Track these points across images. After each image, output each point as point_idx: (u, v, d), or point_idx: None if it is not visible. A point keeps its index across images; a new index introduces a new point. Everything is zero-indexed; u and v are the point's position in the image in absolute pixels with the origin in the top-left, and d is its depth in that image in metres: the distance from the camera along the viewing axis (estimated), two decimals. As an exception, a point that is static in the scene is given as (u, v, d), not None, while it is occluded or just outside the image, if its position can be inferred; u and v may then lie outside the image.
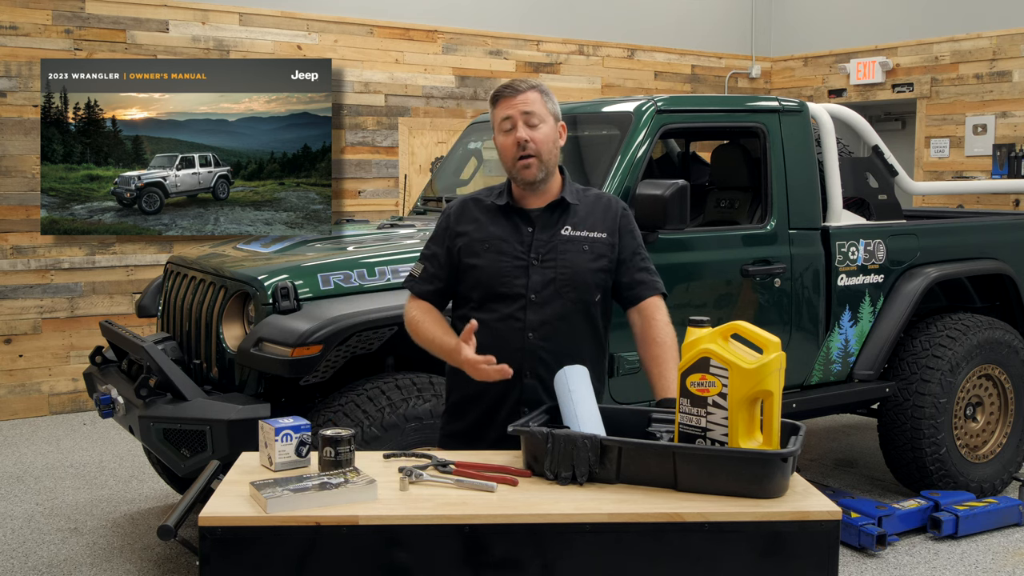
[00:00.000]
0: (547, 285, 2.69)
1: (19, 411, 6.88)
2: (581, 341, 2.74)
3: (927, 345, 4.85)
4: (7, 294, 6.79)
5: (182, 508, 2.16)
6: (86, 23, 6.98)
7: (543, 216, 2.74)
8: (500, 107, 2.73)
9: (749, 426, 2.20)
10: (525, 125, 2.68)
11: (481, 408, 2.75)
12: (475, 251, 2.74)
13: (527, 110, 2.68)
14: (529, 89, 2.71)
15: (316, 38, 7.88)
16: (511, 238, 2.73)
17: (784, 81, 10.44)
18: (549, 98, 2.75)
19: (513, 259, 2.71)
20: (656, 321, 2.76)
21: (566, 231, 2.73)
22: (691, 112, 4.50)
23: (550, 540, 2.05)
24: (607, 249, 2.76)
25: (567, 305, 2.70)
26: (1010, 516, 4.74)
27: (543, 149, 2.69)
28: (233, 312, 3.90)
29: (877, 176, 5.35)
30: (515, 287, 2.69)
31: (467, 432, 2.76)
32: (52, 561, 4.34)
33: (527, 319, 2.68)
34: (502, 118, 2.71)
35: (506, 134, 2.71)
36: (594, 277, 2.74)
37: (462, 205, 2.84)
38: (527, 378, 2.68)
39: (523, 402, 2.67)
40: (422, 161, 8.39)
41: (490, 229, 2.75)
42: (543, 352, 2.68)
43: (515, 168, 2.70)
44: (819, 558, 2.08)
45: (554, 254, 2.71)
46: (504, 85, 2.74)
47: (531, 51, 8.94)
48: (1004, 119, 8.52)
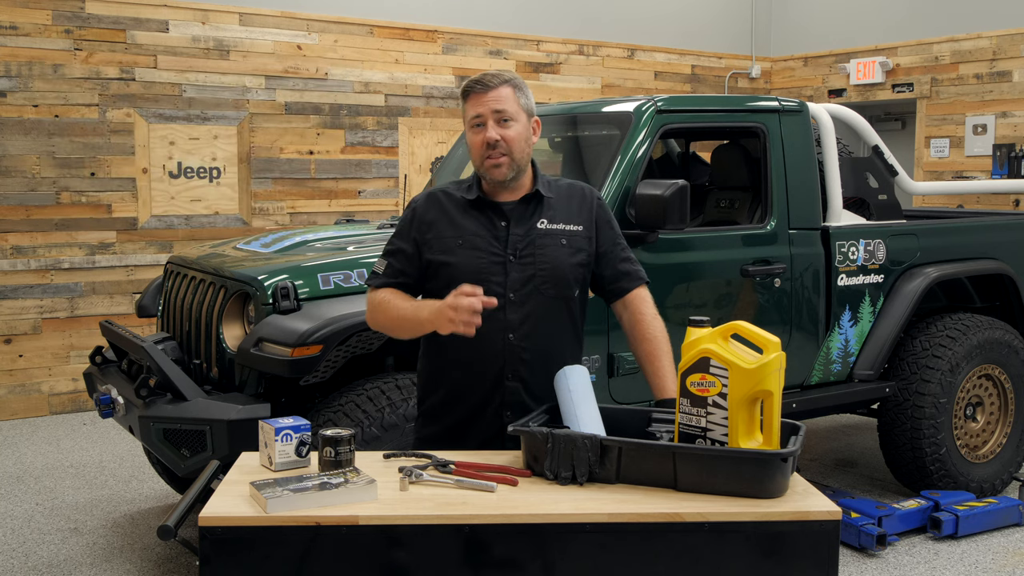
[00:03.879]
0: (526, 283, 2.58)
1: (19, 411, 6.88)
2: (562, 338, 2.66)
3: (927, 345, 4.85)
4: (7, 294, 6.79)
5: (182, 508, 2.16)
6: (86, 23, 6.98)
7: (517, 210, 2.62)
8: (471, 103, 2.59)
9: (749, 426, 2.20)
10: (496, 124, 2.55)
11: (460, 411, 2.63)
12: (448, 248, 2.60)
13: (498, 108, 2.55)
14: (501, 84, 2.57)
15: (316, 38, 7.88)
16: (485, 234, 2.60)
17: (784, 81, 10.44)
18: (523, 92, 2.61)
19: (490, 256, 2.58)
20: (644, 316, 2.69)
21: (542, 224, 2.62)
22: (691, 112, 4.50)
23: (550, 540, 2.05)
24: (585, 243, 2.66)
25: (547, 302, 2.60)
26: (1010, 516, 4.74)
27: (515, 148, 2.56)
28: (233, 312, 3.90)
29: (877, 176, 5.35)
30: (493, 286, 2.55)
31: (444, 436, 2.63)
32: (52, 561, 4.34)
33: (507, 319, 2.56)
34: (473, 115, 2.58)
35: (476, 131, 2.58)
36: (573, 272, 2.64)
37: (429, 198, 2.69)
38: (509, 380, 2.57)
39: (505, 405, 2.58)
40: (422, 161, 8.39)
41: (463, 224, 2.61)
42: (524, 353, 2.58)
43: (484, 167, 2.59)
44: (819, 558, 2.08)
45: (532, 249, 2.60)
46: (475, 80, 2.59)
47: (531, 51, 8.94)
48: (1004, 119, 8.52)
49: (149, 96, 7.22)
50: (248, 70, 7.59)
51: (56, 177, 6.91)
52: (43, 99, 6.85)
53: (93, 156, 7.03)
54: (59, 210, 6.93)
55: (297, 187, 7.85)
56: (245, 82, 7.58)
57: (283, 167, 7.77)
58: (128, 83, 7.13)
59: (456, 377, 2.60)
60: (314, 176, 7.92)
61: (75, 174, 6.98)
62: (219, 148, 7.51)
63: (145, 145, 7.22)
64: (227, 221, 7.57)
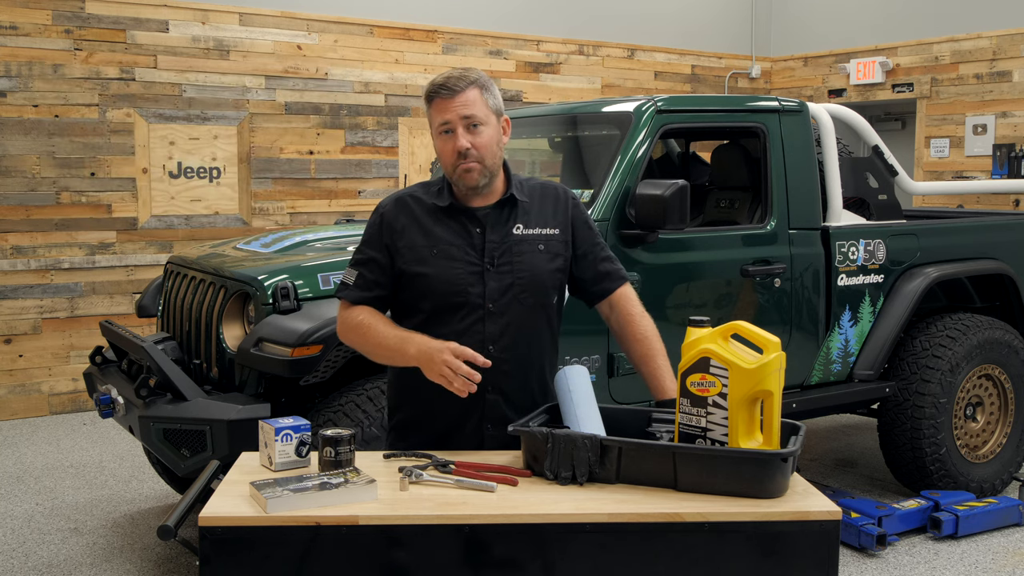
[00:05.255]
0: (505, 292, 2.49)
1: (19, 411, 6.88)
2: (541, 347, 2.58)
3: (927, 345, 4.85)
4: (7, 294, 6.79)
5: (182, 508, 2.16)
6: (86, 23, 6.98)
7: (492, 215, 2.51)
8: (436, 109, 2.46)
9: (749, 426, 2.20)
10: (465, 130, 2.44)
11: (438, 426, 2.53)
12: (421, 257, 2.48)
13: (467, 113, 2.43)
14: (468, 87, 2.44)
15: (316, 38, 7.88)
16: (460, 242, 2.49)
17: (784, 81, 10.44)
18: (490, 93, 2.49)
19: (466, 265, 2.47)
20: (633, 315, 2.64)
21: (518, 230, 2.52)
22: (691, 112, 4.49)
23: (550, 540, 2.05)
24: (562, 247, 2.57)
25: (525, 312, 2.51)
26: (1010, 516, 4.74)
27: (486, 154, 2.45)
28: (233, 312, 3.90)
29: (877, 176, 5.35)
30: (471, 296, 2.47)
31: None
32: (52, 561, 4.34)
33: (486, 331, 2.47)
34: (440, 122, 2.46)
35: (445, 139, 2.46)
36: (552, 279, 2.56)
37: (398, 203, 2.56)
38: (489, 393, 2.47)
39: (485, 419, 2.50)
40: (422, 161, 8.39)
41: (435, 232, 2.50)
42: (505, 364, 2.48)
43: (455, 174, 2.47)
44: (819, 558, 2.08)
45: (509, 256, 2.50)
46: (439, 84, 2.45)
47: (531, 51, 8.94)
48: (1004, 119, 8.52)
49: (149, 96, 7.22)
50: (248, 70, 7.59)
51: (56, 177, 6.91)
52: (43, 99, 6.85)
53: (93, 156, 7.03)
54: (59, 210, 6.93)
55: (297, 187, 7.86)
56: (245, 82, 7.58)
57: (283, 167, 7.77)
58: (128, 83, 7.14)
59: (433, 391, 2.42)
60: (314, 176, 7.92)
61: (75, 174, 6.98)
62: (219, 148, 7.51)
63: (145, 145, 7.22)
64: (227, 221, 7.57)
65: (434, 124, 2.49)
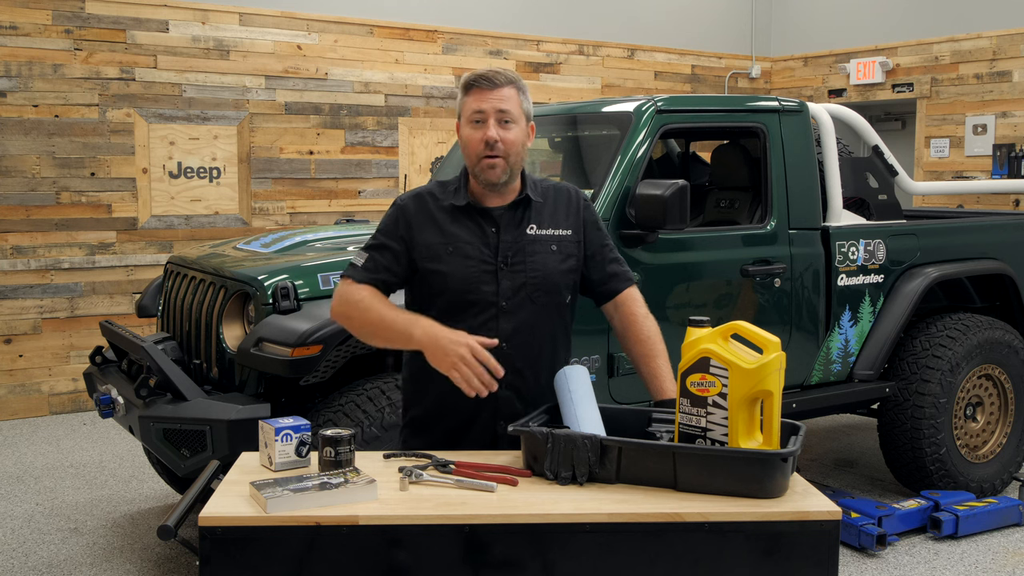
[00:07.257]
0: (517, 291, 2.53)
1: (19, 411, 6.88)
2: (554, 346, 2.62)
3: (927, 345, 4.85)
4: (7, 294, 6.79)
5: (182, 508, 2.16)
6: (86, 23, 6.98)
7: (507, 215, 2.56)
8: (473, 97, 2.51)
9: (749, 426, 2.20)
10: (497, 124, 2.48)
11: (450, 423, 2.56)
12: (437, 255, 2.53)
13: (502, 107, 2.49)
14: (507, 84, 2.51)
15: (316, 38, 7.88)
16: (475, 241, 2.54)
17: (784, 81, 10.44)
18: (525, 96, 2.55)
19: (480, 264, 2.52)
20: (637, 316, 2.66)
21: (531, 230, 2.57)
22: (691, 112, 4.49)
23: (550, 540, 2.05)
24: (574, 248, 2.62)
25: (538, 310, 2.56)
26: (1010, 516, 4.74)
27: (512, 151, 2.50)
28: (233, 312, 3.90)
29: (877, 176, 5.35)
30: (485, 295, 2.51)
31: (433, 448, 2.52)
32: (52, 561, 4.34)
33: (499, 328, 2.51)
34: (474, 110, 2.50)
35: (474, 127, 2.51)
36: (564, 278, 2.60)
37: (417, 199, 2.61)
38: (502, 390, 2.47)
39: (499, 415, 2.53)
40: (422, 161, 8.39)
41: (451, 230, 2.54)
42: (518, 362, 2.52)
43: (479, 166, 2.51)
44: (819, 558, 2.08)
45: (522, 256, 2.54)
46: (480, 75, 2.51)
47: (531, 51, 8.94)
48: (1004, 119, 8.52)
49: (149, 96, 7.22)
50: (248, 70, 7.59)
51: (56, 177, 6.91)
52: (43, 99, 6.85)
53: (93, 156, 7.03)
54: (59, 210, 6.93)
55: (297, 187, 7.86)
56: (245, 82, 7.58)
57: (283, 167, 7.77)
58: (128, 83, 7.14)
59: (446, 387, 2.44)
60: (314, 176, 7.92)
61: (75, 174, 6.98)
62: (219, 148, 7.51)
63: (145, 145, 7.22)
64: (227, 221, 7.57)
65: (466, 113, 2.53)
